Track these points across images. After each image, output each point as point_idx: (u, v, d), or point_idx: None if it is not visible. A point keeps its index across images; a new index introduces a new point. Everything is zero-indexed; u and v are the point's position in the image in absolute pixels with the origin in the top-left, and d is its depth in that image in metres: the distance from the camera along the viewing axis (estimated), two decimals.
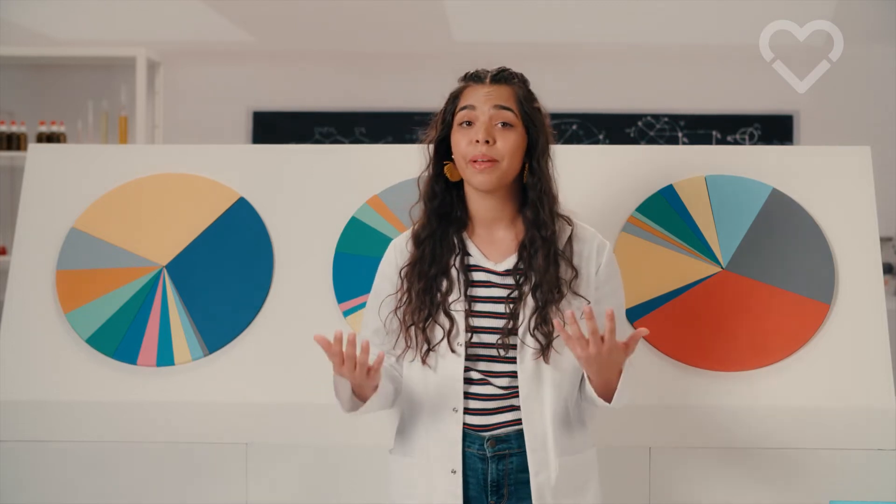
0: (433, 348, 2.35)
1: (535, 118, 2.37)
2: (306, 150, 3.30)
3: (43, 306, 3.04)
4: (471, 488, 2.35)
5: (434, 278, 2.37)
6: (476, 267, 2.38)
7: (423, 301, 2.36)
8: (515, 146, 2.34)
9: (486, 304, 2.35)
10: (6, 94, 6.12)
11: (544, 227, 2.34)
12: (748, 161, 3.03)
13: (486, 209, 2.39)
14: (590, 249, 2.38)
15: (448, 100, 2.43)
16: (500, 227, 2.40)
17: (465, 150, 2.34)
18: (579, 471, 2.36)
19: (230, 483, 2.89)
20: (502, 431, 2.33)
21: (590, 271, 2.37)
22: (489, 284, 2.37)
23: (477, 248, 2.40)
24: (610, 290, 2.41)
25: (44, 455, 2.91)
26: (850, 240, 2.95)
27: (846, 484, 2.79)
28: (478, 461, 2.34)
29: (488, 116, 2.34)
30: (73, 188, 3.14)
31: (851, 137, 5.79)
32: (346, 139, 6.46)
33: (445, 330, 2.34)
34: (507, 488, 2.33)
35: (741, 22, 5.69)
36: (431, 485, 2.36)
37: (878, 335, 2.88)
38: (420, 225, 2.43)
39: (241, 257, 3.05)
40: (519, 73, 2.45)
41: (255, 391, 2.92)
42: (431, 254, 2.39)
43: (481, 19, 6.28)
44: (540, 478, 2.32)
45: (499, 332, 2.33)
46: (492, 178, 2.33)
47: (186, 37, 6.46)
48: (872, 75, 6.28)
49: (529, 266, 2.33)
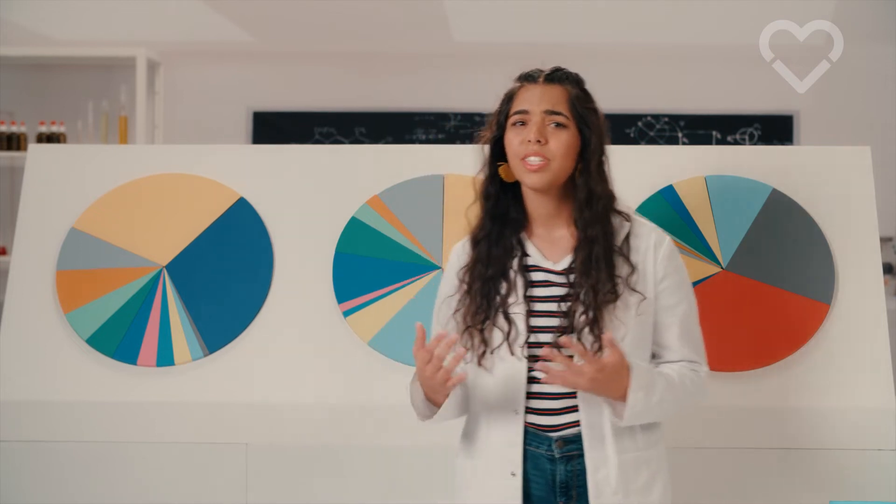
0: (491, 351, 2.34)
1: (588, 119, 2.36)
2: (306, 150, 3.30)
3: (43, 306, 3.04)
4: (536, 488, 2.33)
5: (491, 280, 2.37)
6: (535, 267, 2.38)
7: (481, 303, 2.36)
8: (567, 147, 2.34)
9: (545, 303, 2.35)
10: (6, 94, 6.12)
11: (594, 225, 2.33)
12: (748, 161, 3.03)
13: (543, 208, 2.38)
14: (647, 245, 2.36)
15: (502, 100, 2.44)
16: (558, 226, 2.39)
17: (518, 148, 2.34)
18: (642, 469, 2.33)
19: (230, 483, 2.89)
20: (570, 432, 2.32)
21: (647, 267, 2.35)
22: (548, 284, 2.36)
23: (536, 247, 2.39)
24: (669, 285, 2.36)
25: (44, 455, 2.91)
26: (850, 240, 2.95)
27: (846, 484, 2.79)
28: (545, 462, 2.33)
29: (541, 117, 2.35)
30: (73, 188, 3.14)
31: (851, 137, 5.78)
32: (346, 139, 6.46)
33: (504, 333, 2.33)
34: (575, 489, 2.32)
35: (741, 22, 5.69)
36: (491, 487, 2.35)
37: (878, 335, 2.88)
38: (477, 226, 2.43)
39: (241, 257, 3.05)
40: (573, 73, 2.44)
41: (255, 391, 2.92)
42: (488, 254, 2.38)
43: (481, 19, 6.28)
44: (598, 476, 2.30)
45: (556, 331, 2.32)
46: (543, 178, 2.32)
47: (186, 37, 6.45)
48: (872, 75, 6.28)
49: (584, 264, 2.32)
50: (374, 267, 3.01)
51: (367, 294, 3.00)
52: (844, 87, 6.16)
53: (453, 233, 3.02)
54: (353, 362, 2.95)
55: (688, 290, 2.40)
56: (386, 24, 6.36)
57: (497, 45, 6.38)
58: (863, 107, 6.27)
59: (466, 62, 6.43)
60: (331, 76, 6.49)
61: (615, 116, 6.20)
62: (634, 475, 2.31)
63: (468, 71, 6.43)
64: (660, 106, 6.30)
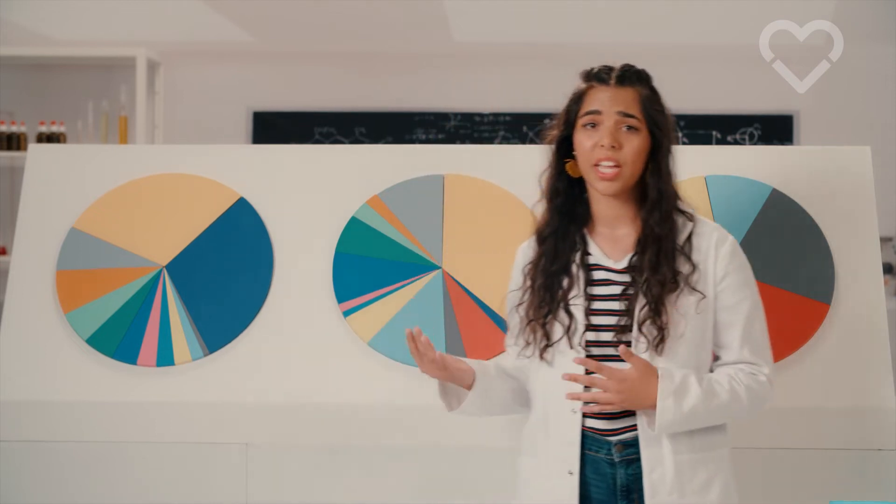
0: (552, 344, 2.35)
1: (658, 121, 2.36)
2: (306, 150, 3.30)
3: (43, 306, 3.04)
4: (596, 491, 2.33)
5: (555, 275, 2.38)
6: (596, 266, 2.38)
7: (544, 297, 2.37)
8: (639, 150, 2.34)
9: (605, 301, 2.35)
10: (6, 94, 6.12)
11: (661, 225, 2.34)
12: (748, 161, 3.03)
13: (609, 208, 2.39)
14: (708, 244, 2.36)
15: (571, 99, 2.42)
16: (621, 225, 2.39)
17: (590, 153, 2.34)
18: (700, 470, 2.31)
19: (230, 483, 2.89)
20: (629, 435, 2.32)
21: (707, 266, 2.35)
22: (608, 283, 2.37)
23: (597, 246, 2.40)
24: (730, 284, 2.35)
25: (44, 455, 2.91)
26: (850, 240, 2.95)
27: (846, 484, 2.78)
28: (605, 466, 2.33)
29: (613, 121, 2.34)
30: (73, 188, 3.14)
31: (851, 137, 5.78)
32: (346, 139, 6.46)
33: (565, 326, 2.34)
34: (637, 493, 2.31)
35: (741, 22, 5.69)
36: (549, 485, 2.35)
37: (878, 335, 2.88)
38: (543, 222, 2.44)
39: (241, 257, 3.05)
40: (643, 72, 2.42)
41: (255, 391, 2.92)
42: (553, 250, 2.40)
43: (481, 19, 6.28)
44: (654, 475, 2.29)
45: (615, 329, 2.33)
46: (616, 185, 2.33)
47: (186, 37, 6.45)
48: (872, 75, 6.28)
49: (644, 263, 2.33)
50: (374, 267, 3.01)
51: (367, 294, 3.00)
52: (844, 87, 6.16)
53: (453, 233, 3.03)
54: (353, 362, 2.94)
55: (751, 289, 2.38)
56: (386, 24, 6.36)
57: (497, 45, 6.38)
58: (863, 107, 6.27)
59: (466, 62, 6.43)
60: (331, 76, 6.49)
61: None
62: (691, 475, 2.30)
63: (468, 71, 6.43)
64: None
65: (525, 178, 3.08)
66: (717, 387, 2.29)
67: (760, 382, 2.33)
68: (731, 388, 2.30)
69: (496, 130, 6.41)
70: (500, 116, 6.41)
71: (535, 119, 6.39)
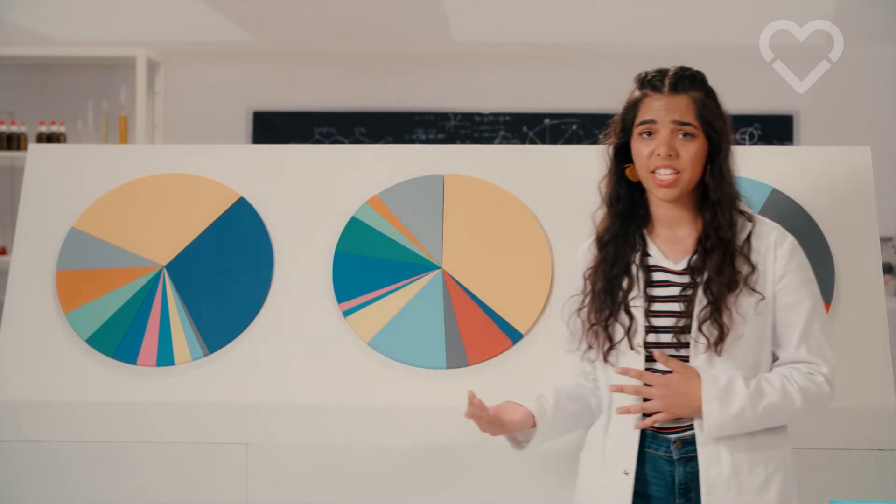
0: (614, 346, 2.37)
1: (715, 125, 2.38)
2: (306, 150, 3.30)
3: (43, 306, 3.04)
4: (655, 490, 2.34)
5: (615, 278, 2.40)
6: (655, 267, 2.40)
7: (605, 301, 2.39)
8: (697, 156, 2.35)
9: (664, 303, 2.37)
10: (6, 94, 6.12)
11: (722, 226, 2.35)
12: (748, 161, 3.02)
13: (669, 212, 2.40)
14: (767, 244, 2.38)
15: (626, 106, 2.43)
16: (681, 227, 2.41)
17: (647, 161, 2.36)
18: (758, 468, 2.31)
19: (230, 483, 2.89)
20: (688, 433, 2.33)
21: (766, 267, 2.36)
22: (667, 284, 2.38)
23: (657, 247, 2.41)
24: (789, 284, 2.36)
25: (44, 455, 2.91)
26: (850, 240, 2.95)
27: (846, 484, 2.78)
28: (664, 463, 2.34)
29: (668, 130, 2.35)
30: (73, 188, 3.14)
31: (851, 137, 5.78)
32: (346, 139, 6.46)
33: (625, 327, 2.36)
34: (694, 491, 2.32)
35: (741, 22, 5.69)
36: (605, 484, 2.37)
37: (878, 335, 2.88)
38: (603, 227, 2.45)
39: (241, 257, 3.05)
40: (697, 74, 2.44)
41: (255, 391, 2.92)
42: (614, 255, 2.41)
43: (481, 19, 6.28)
44: (710, 473, 2.29)
45: (675, 330, 2.34)
46: (674, 191, 2.35)
47: (186, 37, 6.45)
48: (872, 75, 6.28)
49: (704, 264, 2.34)
50: (374, 267, 3.01)
51: (367, 294, 3.00)
52: (844, 87, 6.16)
53: (453, 233, 3.03)
54: (353, 362, 2.94)
55: (810, 289, 2.38)
56: (386, 24, 6.36)
57: (497, 45, 6.38)
58: (863, 107, 6.27)
59: (466, 62, 6.43)
60: (331, 76, 6.49)
61: None
62: (749, 474, 2.31)
63: (468, 71, 6.43)
64: None
65: (525, 178, 3.09)
66: (766, 387, 2.29)
67: (817, 383, 2.32)
68: (782, 388, 2.30)
69: (496, 130, 6.41)
70: (500, 116, 6.41)
71: (535, 119, 6.39)
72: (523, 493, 2.83)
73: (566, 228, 3.01)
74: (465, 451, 2.84)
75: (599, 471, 2.39)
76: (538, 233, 3.02)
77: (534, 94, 6.35)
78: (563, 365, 2.53)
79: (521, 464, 2.81)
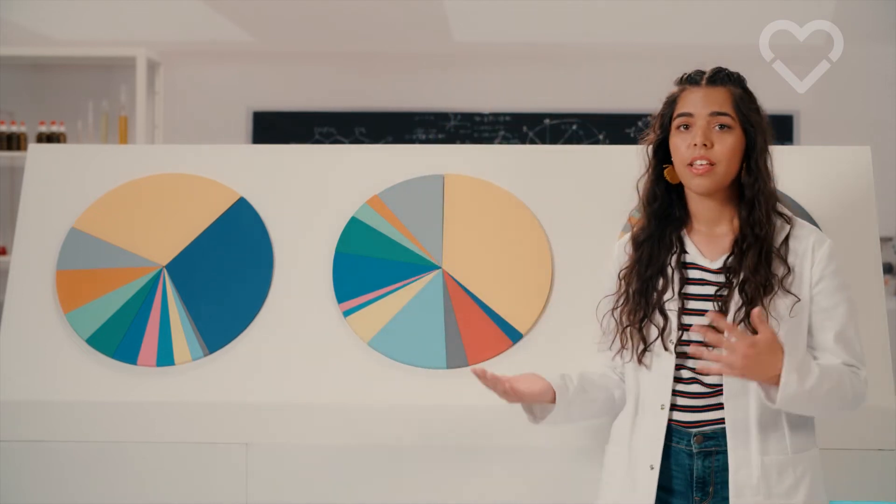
0: (649, 347, 2.37)
1: (752, 119, 2.38)
2: (306, 150, 3.30)
3: (43, 306, 3.04)
4: (677, 483, 2.36)
5: (651, 279, 2.40)
6: (692, 265, 2.40)
7: (639, 302, 2.40)
8: (733, 149, 2.35)
9: (699, 301, 2.37)
10: (6, 94, 6.12)
11: (759, 225, 2.35)
12: None
13: (707, 209, 2.41)
14: (805, 247, 2.37)
15: (665, 104, 2.46)
16: (720, 226, 2.41)
17: (684, 153, 2.36)
18: (787, 472, 2.32)
19: (230, 483, 2.89)
20: (710, 429, 2.34)
21: (804, 269, 2.36)
22: (703, 282, 2.38)
23: (695, 245, 2.42)
24: (826, 288, 2.35)
25: (44, 455, 2.91)
26: (850, 240, 2.95)
27: (846, 484, 2.78)
28: (685, 457, 2.35)
29: (706, 120, 2.36)
30: (73, 188, 3.14)
31: (851, 137, 5.78)
32: (346, 139, 6.46)
33: (660, 328, 2.37)
34: (712, 486, 2.33)
35: (741, 22, 5.68)
36: (631, 477, 2.38)
37: (879, 335, 2.88)
38: (639, 227, 2.46)
39: (241, 257, 3.05)
40: (735, 73, 2.46)
41: (255, 391, 2.92)
42: (649, 256, 2.42)
43: (481, 19, 6.28)
44: (739, 475, 2.30)
45: (708, 329, 2.32)
46: (709, 181, 2.34)
47: (186, 37, 6.45)
48: (872, 75, 6.28)
49: (740, 263, 2.34)
50: (374, 267, 3.02)
51: (367, 294, 3.00)
52: (844, 87, 6.16)
53: (453, 233, 3.03)
54: (353, 362, 2.95)
55: (847, 294, 2.38)
56: (386, 24, 6.36)
57: (497, 45, 6.38)
58: (863, 107, 6.27)
59: (466, 62, 6.43)
60: (331, 76, 6.49)
61: (615, 116, 6.22)
62: (778, 478, 2.31)
63: (468, 71, 6.43)
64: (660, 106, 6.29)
65: (525, 178, 3.09)
66: (832, 371, 2.29)
67: (861, 380, 2.34)
68: (839, 376, 2.30)
69: (496, 130, 6.41)
70: (500, 116, 6.41)
71: (535, 119, 6.39)
72: (523, 493, 2.83)
73: (566, 228, 3.01)
74: (465, 450, 2.84)
75: (626, 465, 2.40)
76: (538, 233, 3.02)
77: (534, 94, 6.35)
78: (594, 361, 2.53)
79: (521, 464, 2.81)
